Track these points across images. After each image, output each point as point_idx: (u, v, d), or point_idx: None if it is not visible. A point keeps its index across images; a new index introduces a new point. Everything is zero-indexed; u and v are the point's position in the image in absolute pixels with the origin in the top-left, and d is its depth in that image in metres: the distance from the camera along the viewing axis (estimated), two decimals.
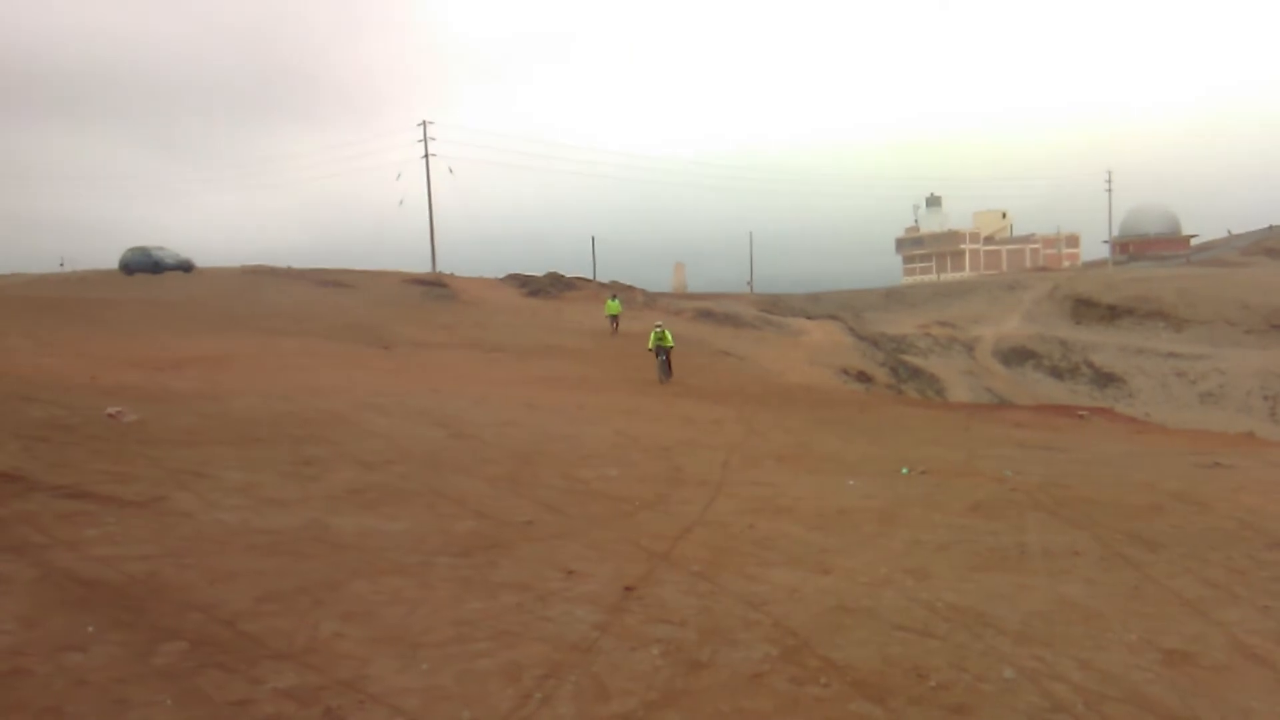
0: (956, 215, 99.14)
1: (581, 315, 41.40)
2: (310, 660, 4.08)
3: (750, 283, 74.91)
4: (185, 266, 47.56)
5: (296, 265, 51.43)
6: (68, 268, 56.37)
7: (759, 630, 4.72)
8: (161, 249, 48.15)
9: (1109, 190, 79.55)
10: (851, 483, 9.56)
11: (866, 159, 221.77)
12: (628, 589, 5.27)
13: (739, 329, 45.84)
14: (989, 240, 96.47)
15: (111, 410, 10.01)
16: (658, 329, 24.08)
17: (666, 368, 23.73)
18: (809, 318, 53.49)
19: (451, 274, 57.58)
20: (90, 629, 4.40)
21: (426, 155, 67.29)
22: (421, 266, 61.89)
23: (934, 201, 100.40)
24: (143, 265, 46.37)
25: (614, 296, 40.40)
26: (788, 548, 6.60)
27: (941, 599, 5.42)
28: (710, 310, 49.43)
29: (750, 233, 78.42)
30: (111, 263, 48.29)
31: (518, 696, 3.82)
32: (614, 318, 37.47)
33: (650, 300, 52.60)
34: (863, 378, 39.45)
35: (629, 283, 56.36)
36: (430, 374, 20.80)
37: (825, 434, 14.62)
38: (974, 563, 6.39)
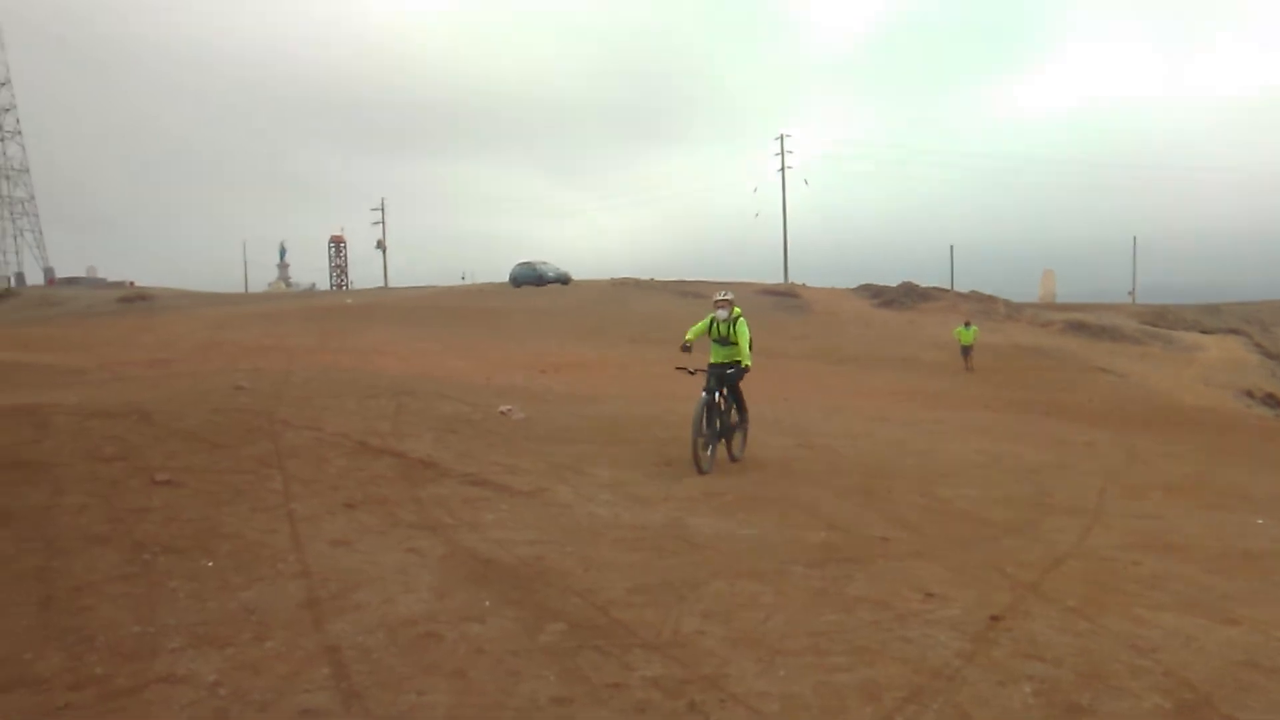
0: None
1: (937, 327, 39.77)
2: (675, 653, 4.30)
3: (1132, 292, 67.67)
4: (564, 279, 52.19)
5: (659, 277, 54.47)
6: (468, 280, 64.28)
7: (1147, 679, 4.24)
8: (545, 263, 53.23)
9: None
10: (1260, 521, 8.31)
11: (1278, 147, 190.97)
12: (994, 618, 4.98)
13: (1117, 343, 41.59)
14: None
15: (504, 408, 11.23)
16: (721, 315, 10.17)
17: (720, 417, 9.69)
18: (1204, 332, 47.23)
19: (803, 284, 57.99)
20: (487, 603, 4.96)
21: (783, 168, 68.52)
22: (775, 277, 62.98)
23: None
24: (528, 278, 51.57)
25: (967, 324, 32.37)
26: (1181, 590, 5.88)
27: None
28: (1083, 322, 45.33)
29: (1134, 237, 70.62)
30: (503, 276, 54.29)
31: (877, 717, 3.75)
32: (967, 349, 30.84)
33: (1014, 311, 49.32)
34: (1272, 401, 34.10)
35: (990, 292, 53.23)
36: (781, 383, 21.06)
37: (1225, 464, 12.83)
38: None
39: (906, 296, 51.08)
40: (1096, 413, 20.72)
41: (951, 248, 71.06)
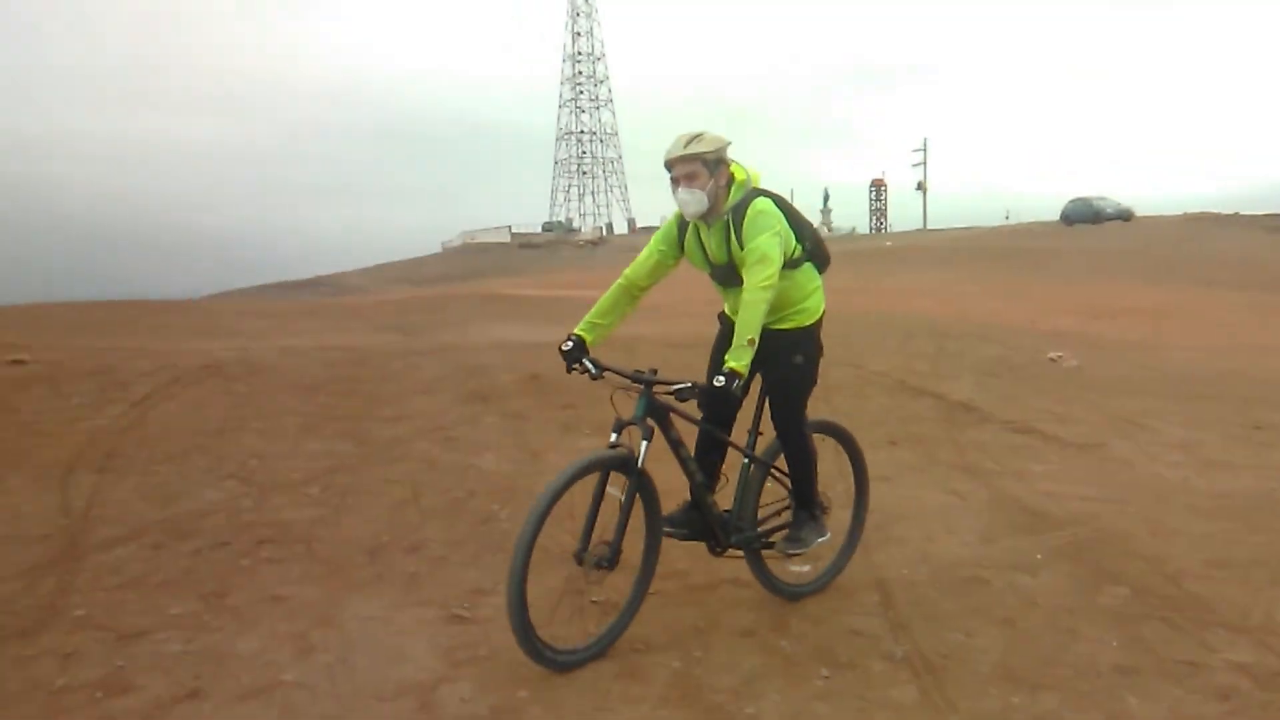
0: None
1: None
2: (1268, 641, 3.71)
3: None
4: (1125, 215, 47.72)
5: (1245, 211, 46.53)
6: (1012, 220, 61.33)
7: None
8: (1103, 199, 49.05)
9: None
10: None
11: None
12: None
13: None
14: None
15: (1053, 354, 10.52)
16: (688, 201, 3.78)
17: (701, 491, 3.84)
18: None
19: None
20: (1039, 556, 4.73)
21: None
22: None
23: None
24: (1083, 216, 47.81)
25: None
26: None
27: None
28: None
29: None
30: (1053, 215, 50.72)
31: None
32: None
33: None
34: None
35: None
36: None
37: None
38: None
39: None
40: None
41: None
